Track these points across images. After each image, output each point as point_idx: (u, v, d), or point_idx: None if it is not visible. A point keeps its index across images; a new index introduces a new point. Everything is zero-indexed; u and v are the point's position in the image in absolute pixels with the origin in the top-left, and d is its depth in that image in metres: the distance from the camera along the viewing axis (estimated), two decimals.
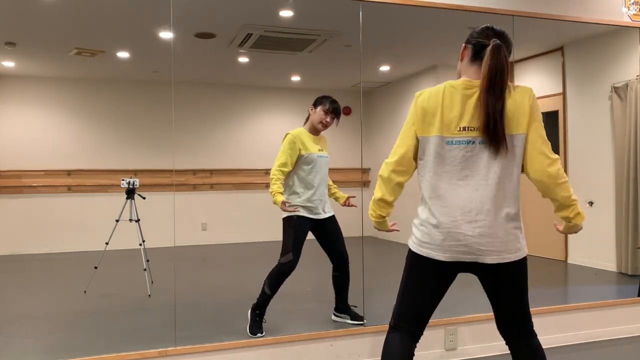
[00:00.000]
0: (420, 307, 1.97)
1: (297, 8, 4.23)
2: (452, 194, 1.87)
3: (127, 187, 4.41)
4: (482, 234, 1.83)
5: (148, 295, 4.21)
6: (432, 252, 1.90)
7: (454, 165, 1.87)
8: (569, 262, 4.88)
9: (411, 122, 1.97)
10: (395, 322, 2.02)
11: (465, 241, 1.84)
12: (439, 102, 1.90)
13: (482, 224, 1.84)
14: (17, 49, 5.16)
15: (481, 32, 1.92)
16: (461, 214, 1.85)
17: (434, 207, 1.90)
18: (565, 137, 4.95)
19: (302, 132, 3.35)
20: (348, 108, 5.25)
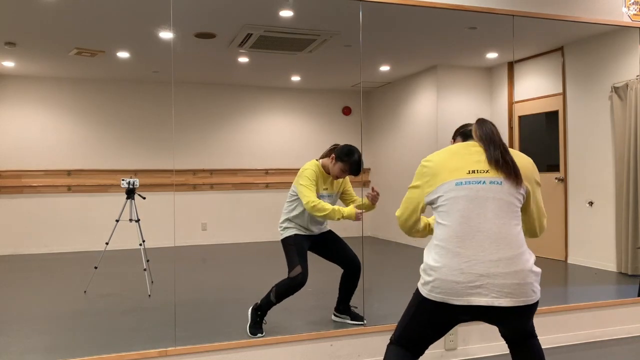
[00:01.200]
0: (427, 341, 1.98)
1: (297, 8, 4.23)
2: None
3: (127, 187, 4.41)
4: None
5: (148, 295, 4.21)
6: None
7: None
8: (569, 262, 4.88)
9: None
10: (398, 340, 1.99)
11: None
12: (446, 157, 2.02)
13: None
14: (17, 49, 5.17)
15: (463, 126, 2.37)
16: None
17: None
18: (565, 137, 4.96)
19: (319, 169, 3.37)
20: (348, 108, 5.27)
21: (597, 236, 4.70)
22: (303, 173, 3.29)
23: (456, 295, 1.81)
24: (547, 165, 5.16)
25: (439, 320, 1.90)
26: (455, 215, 1.86)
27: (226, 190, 6.09)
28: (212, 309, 3.87)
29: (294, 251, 3.27)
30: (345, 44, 4.81)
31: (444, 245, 1.86)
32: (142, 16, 4.29)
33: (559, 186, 4.99)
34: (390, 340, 2.03)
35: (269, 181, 6.03)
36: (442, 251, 1.85)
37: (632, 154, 4.34)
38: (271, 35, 4.72)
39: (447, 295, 1.82)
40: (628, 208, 4.36)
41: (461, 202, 1.87)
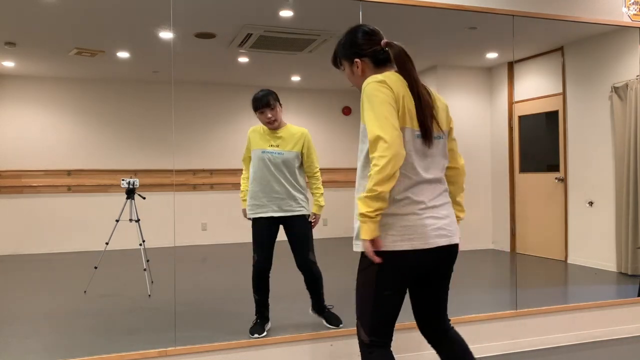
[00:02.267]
0: (397, 313, 1.90)
1: (297, 8, 4.23)
2: None
3: (127, 187, 4.41)
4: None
5: (148, 295, 4.21)
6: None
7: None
8: (569, 262, 4.88)
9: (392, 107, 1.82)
10: (373, 333, 1.88)
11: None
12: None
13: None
14: (17, 49, 5.17)
15: (368, 40, 1.94)
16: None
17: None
18: (565, 137, 4.96)
19: (259, 127, 3.34)
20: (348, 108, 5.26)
21: (597, 236, 4.70)
22: None
23: (426, 239, 1.81)
24: (547, 165, 5.16)
25: (406, 279, 1.85)
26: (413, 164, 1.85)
27: (226, 190, 6.09)
28: (212, 309, 3.87)
29: (253, 238, 3.29)
30: None
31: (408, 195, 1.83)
32: (142, 16, 4.29)
33: (559, 186, 4.99)
34: (364, 343, 1.89)
35: None
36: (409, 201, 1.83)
37: (632, 154, 4.34)
38: (271, 35, 4.72)
39: (418, 241, 1.80)
40: (628, 208, 4.36)
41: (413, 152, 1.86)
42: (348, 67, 2.00)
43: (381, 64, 1.94)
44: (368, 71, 1.95)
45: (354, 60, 1.95)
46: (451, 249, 1.91)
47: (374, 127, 1.74)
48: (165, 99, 5.77)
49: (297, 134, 3.29)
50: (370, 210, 1.73)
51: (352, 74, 2.00)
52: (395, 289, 1.85)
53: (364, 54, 1.94)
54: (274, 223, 3.29)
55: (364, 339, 1.89)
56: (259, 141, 3.27)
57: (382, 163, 1.70)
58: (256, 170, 3.27)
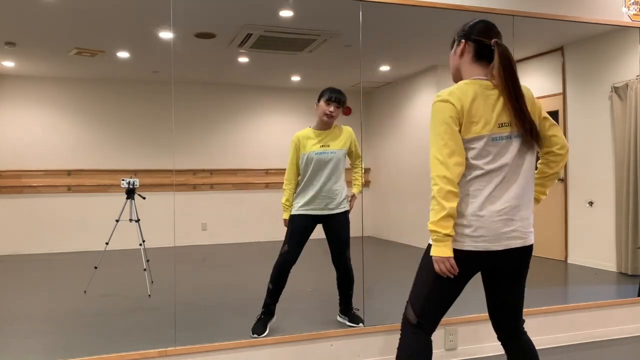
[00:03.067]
0: (450, 304, 1.97)
1: (297, 8, 4.23)
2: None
3: (127, 187, 4.41)
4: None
5: (148, 295, 4.21)
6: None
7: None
8: (569, 262, 4.88)
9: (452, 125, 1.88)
10: (422, 316, 1.94)
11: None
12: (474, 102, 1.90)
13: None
14: (17, 49, 5.17)
15: (481, 31, 1.96)
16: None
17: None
18: (565, 137, 4.95)
19: (306, 132, 3.36)
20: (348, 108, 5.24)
21: (597, 236, 4.70)
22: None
23: (497, 241, 1.86)
24: None
25: (468, 275, 1.91)
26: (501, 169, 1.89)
27: (226, 190, 6.09)
28: (212, 308, 3.87)
29: (288, 231, 3.32)
30: (345, 44, 4.81)
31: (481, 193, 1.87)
32: (142, 16, 4.29)
33: (559, 186, 4.99)
34: (410, 322, 1.96)
35: (269, 181, 6.03)
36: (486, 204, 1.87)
37: (632, 154, 4.34)
38: (271, 35, 4.72)
39: (489, 243, 1.86)
40: (628, 208, 4.36)
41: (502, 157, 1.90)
42: (455, 47, 2.05)
43: (480, 58, 1.97)
44: (465, 57, 1.99)
45: (461, 40, 2.00)
46: (524, 250, 1.95)
47: (433, 148, 1.85)
48: (165, 99, 5.77)
49: (345, 133, 3.40)
50: (446, 231, 1.82)
51: (453, 54, 2.05)
52: (454, 282, 1.90)
53: (473, 39, 1.97)
54: (315, 221, 3.34)
55: (411, 319, 1.95)
56: (308, 145, 3.31)
57: (437, 187, 1.81)
58: (310, 172, 3.31)
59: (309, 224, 3.33)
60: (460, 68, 2.00)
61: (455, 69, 2.04)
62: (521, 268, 1.98)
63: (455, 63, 2.03)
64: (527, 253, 1.96)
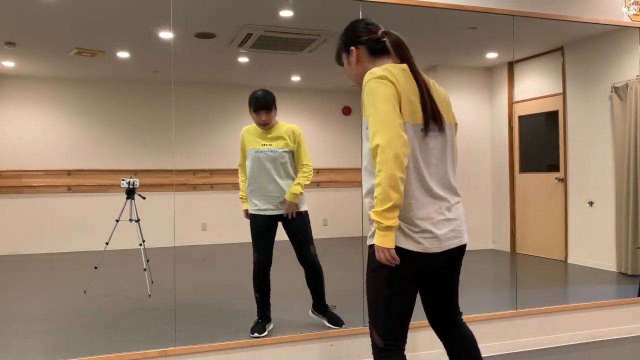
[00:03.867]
0: (409, 316, 1.87)
1: (297, 8, 4.23)
2: None
3: (127, 187, 4.41)
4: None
5: (148, 295, 4.21)
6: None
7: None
8: (569, 262, 4.88)
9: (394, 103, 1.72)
10: (386, 336, 1.84)
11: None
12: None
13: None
14: (17, 49, 5.17)
15: (362, 30, 1.88)
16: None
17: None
18: (565, 137, 4.96)
19: (252, 127, 3.35)
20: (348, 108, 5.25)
21: (597, 236, 4.70)
22: None
23: (440, 242, 1.78)
24: (547, 165, 5.16)
25: (419, 279, 1.82)
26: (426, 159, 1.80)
27: (226, 190, 6.09)
28: (212, 309, 3.87)
29: (252, 236, 3.31)
30: None
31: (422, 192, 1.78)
32: (142, 16, 4.29)
33: (559, 186, 4.99)
34: (378, 347, 1.86)
35: None
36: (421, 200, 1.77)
37: (632, 154, 4.34)
38: (271, 35, 4.72)
39: (431, 244, 1.76)
40: (628, 208, 4.36)
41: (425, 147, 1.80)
42: (346, 58, 1.94)
43: (377, 53, 1.87)
44: (364, 61, 1.88)
45: (350, 48, 1.90)
46: (462, 248, 1.91)
47: (374, 128, 1.68)
48: (165, 99, 5.77)
49: (288, 132, 3.31)
50: (389, 222, 1.69)
51: (348, 66, 1.93)
52: (408, 289, 1.82)
53: (360, 42, 1.87)
54: (271, 221, 3.30)
55: (378, 343, 1.86)
56: (251, 141, 3.30)
57: (383, 169, 1.64)
58: (251, 170, 3.29)
59: (269, 224, 3.29)
60: (365, 71, 1.84)
61: (358, 76, 1.90)
62: (458, 261, 1.94)
63: (355, 72, 1.91)
64: (462, 252, 1.92)
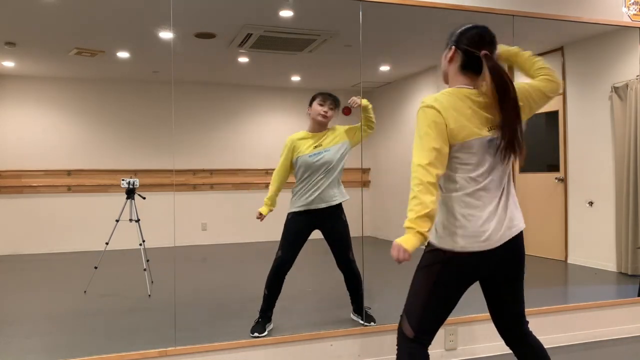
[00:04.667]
0: (446, 316, 1.95)
1: (297, 8, 4.23)
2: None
3: (127, 187, 4.41)
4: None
5: (148, 295, 4.21)
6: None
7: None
8: (569, 262, 4.88)
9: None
10: (419, 330, 1.91)
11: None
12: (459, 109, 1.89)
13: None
14: (17, 49, 5.17)
15: (472, 40, 1.92)
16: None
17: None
18: (565, 137, 4.96)
19: (300, 133, 3.35)
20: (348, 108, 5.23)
21: (597, 236, 4.70)
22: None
23: (492, 240, 1.83)
24: (547, 165, 5.16)
25: (464, 281, 1.88)
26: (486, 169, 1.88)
27: (226, 190, 6.09)
28: (212, 309, 3.87)
29: (283, 234, 3.32)
30: (345, 44, 4.81)
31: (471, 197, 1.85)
32: (142, 16, 4.29)
33: (559, 186, 4.99)
34: (406, 336, 1.92)
35: (269, 181, 6.01)
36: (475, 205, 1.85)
37: (632, 154, 4.34)
38: (271, 35, 4.72)
39: (484, 242, 1.82)
40: (628, 208, 4.36)
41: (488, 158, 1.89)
42: (447, 50, 2.02)
43: (468, 68, 1.93)
44: (453, 65, 1.96)
45: (452, 46, 1.97)
46: (515, 246, 1.90)
47: (415, 151, 1.89)
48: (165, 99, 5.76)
49: (338, 130, 3.40)
50: (423, 230, 1.77)
51: (444, 57, 2.03)
52: (452, 291, 1.89)
53: (462, 49, 1.93)
54: (311, 223, 3.31)
55: (408, 333, 1.92)
56: (303, 146, 3.30)
57: (414, 192, 1.79)
58: (302, 174, 3.32)
59: (304, 228, 3.31)
60: (448, 73, 1.99)
61: (444, 72, 2.03)
62: (517, 270, 1.96)
63: (444, 67, 2.02)
64: (519, 245, 1.93)
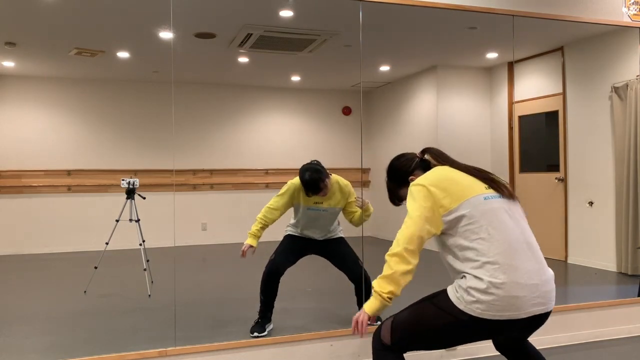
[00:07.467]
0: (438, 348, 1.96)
1: (297, 8, 4.23)
2: None
3: (127, 187, 4.41)
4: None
5: (148, 295, 4.21)
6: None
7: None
8: (569, 262, 4.88)
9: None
10: (398, 346, 1.91)
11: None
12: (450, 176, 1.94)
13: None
14: (17, 49, 5.17)
15: (404, 163, 2.14)
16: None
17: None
18: (565, 137, 4.96)
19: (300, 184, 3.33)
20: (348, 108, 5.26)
21: (597, 236, 4.70)
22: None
23: (519, 310, 1.75)
24: (547, 165, 5.16)
25: (473, 338, 1.85)
26: (499, 228, 1.80)
27: (226, 190, 6.09)
28: (212, 309, 3.87)
29: (281, 243, 3.35)
30: (345, 44, 4.81)
31: (499, 260, 1.76)
32: (142, 16, 4.29)
33: (559, 186, 4.99)
34: (383, 344, 1.93)
35: (269, 181, 6.03)
36: (500, 267, 1.75)
37: (632, 154, 4.34)
38: (271, 35, 4.72)
39: (510, 311, 1.74)
40: (628, 208, 4.36)
41: (498, 214, 1.82)
42: (407, 190, 2.05)
43: (426, 167, 2.09)
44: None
45: (408, 179, 2.07)
46: (545, 316, 1.86)
47: (407, 221, 1.87)
48: (165, 99, 5.77)
49: (342, 191, 3.33)
50: (383, 291, 1.85)
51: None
52: (459, 341, 1.88)
53: (413, 171, 2.09)
54: (308, 245, 3.37)
55: (385, 341, 1.92)
56: (303, 198, 3.29)
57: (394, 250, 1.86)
58: (300, 218, 3.35)
59: (303, 245, 3.37)
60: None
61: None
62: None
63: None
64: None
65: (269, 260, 3.26)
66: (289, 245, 3.34)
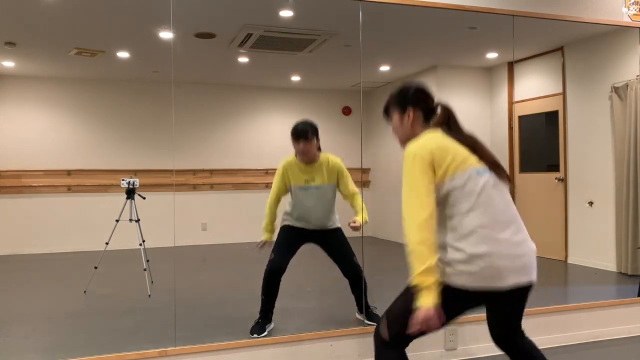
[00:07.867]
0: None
1: (297, 8, 4.23)
2: None
3: (127, 187, 4.41)
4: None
5: (148, 295, 4.21)
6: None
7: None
8: (569, 262, 4.88)
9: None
10: (396, 340, 1.93)
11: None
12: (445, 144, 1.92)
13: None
14: (17, 49, 5.16)
15: (421, 95, 2.06)
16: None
17: None
18: (565, 137, 4.95)
19: (291, 162, 3.34)
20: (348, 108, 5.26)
21: (597, 236, 4.70)
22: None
23: (501, 280, 1.79)
24: (547, 165, 5.16)
25: (461, 310, 1.88)
26: (486, 202, 1.85)
27: (226, 190, 6.09)
28: (212, 309, 3.87)
29: (277, 241, 3.34)
30: (345, 44, 4.81)
31: (482, 232, 1.80)
32: (142, 16, 4.29)
33: (559, 186, 4.99)
34: (383, 339, 1.94)
35: (269, 181, 6.02)
36: (482, 238, 1.79)
37: (632, 154, 4.34)
38: (271, 35, 4.72)
39: (492, 282, 1.79)
40: (628, 208, 4.36)
41: (486, 188, 1.87)
42: (398, 117, 2.06)
43: (429, 119, 2.05)
44: (416, 124, 2.03)
45: (407, 108, 2.03)
46: (527, 289, 1.90)
47: (404, 194, 1.87)
48: (165, 99, 5.77)
49: (330, 166, 3.33)
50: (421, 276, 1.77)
51: (400, 125, 2.07)
52: (447, 316, 1.88)
53: (418, 106, 2.03)
54: (304, 235, 3.35)
55: (384, 336, 1.94)
56: (295, 177, 3.30)
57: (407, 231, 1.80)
58: (295, 202, 3.34)
59: (298, 235, 3.35)
60: (414, 135, 2.02)
61: (407, 137, 2.05)
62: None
63: (405, 133, 2.06)
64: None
65: (269, 260, 3.26)
66: (285, 239, 3.33)
